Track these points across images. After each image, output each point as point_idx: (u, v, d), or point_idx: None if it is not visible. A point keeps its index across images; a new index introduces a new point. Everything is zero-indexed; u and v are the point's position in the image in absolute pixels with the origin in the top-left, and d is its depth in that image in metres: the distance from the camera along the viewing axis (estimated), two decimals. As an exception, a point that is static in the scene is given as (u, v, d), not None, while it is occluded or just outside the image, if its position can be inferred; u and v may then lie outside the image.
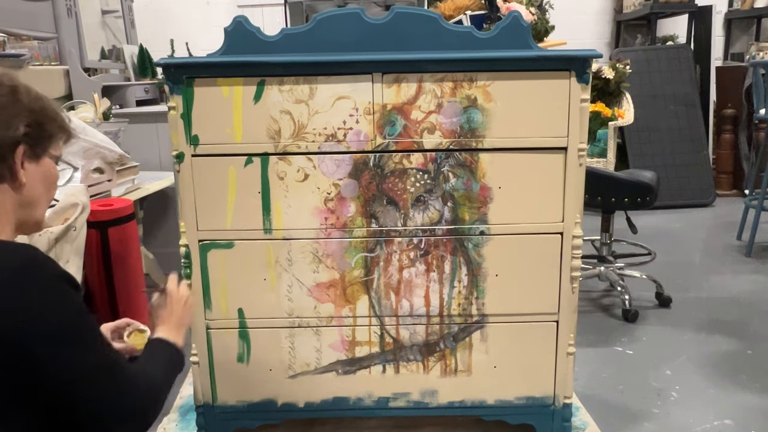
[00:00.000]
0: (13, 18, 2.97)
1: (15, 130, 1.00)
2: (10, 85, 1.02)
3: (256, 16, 5.06)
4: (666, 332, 2.70)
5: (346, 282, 1.65)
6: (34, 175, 1.05)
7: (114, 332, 1.39)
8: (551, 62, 1.54)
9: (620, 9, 5.48)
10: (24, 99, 1.03)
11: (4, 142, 0.99)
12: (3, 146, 1.00)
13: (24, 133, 1.01)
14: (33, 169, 1.05)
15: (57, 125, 1.09)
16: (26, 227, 1.11)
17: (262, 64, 1.53)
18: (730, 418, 2.03)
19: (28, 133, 1.02)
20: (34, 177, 1.05)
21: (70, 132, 1.14)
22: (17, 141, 1.01)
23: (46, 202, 1.11)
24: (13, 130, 1.00)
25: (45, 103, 1.07)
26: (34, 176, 1.05)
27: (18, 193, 1.04)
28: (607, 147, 4.42)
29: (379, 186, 1.60)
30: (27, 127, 1.02)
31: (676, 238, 4.12)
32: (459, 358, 1.70)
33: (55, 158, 1.11)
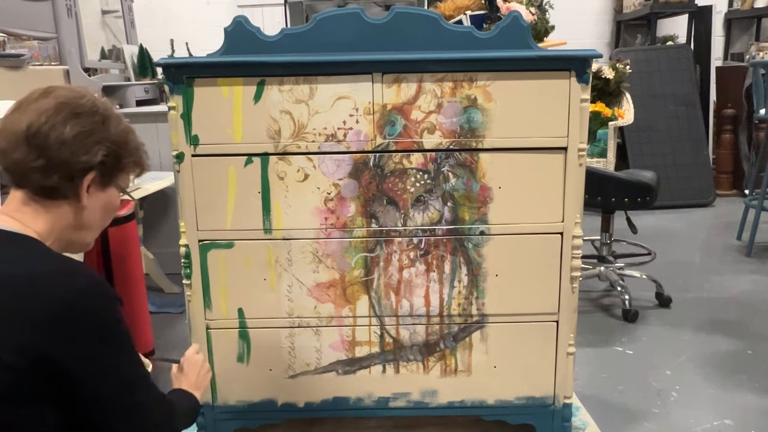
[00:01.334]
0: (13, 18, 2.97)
1: (92, 156, 1.03)
2: (104, 114, 1.07)
3: (256, 16, 5.06)
4: (666, 332, 2.70)
5: (346, 282, 1.65)
6: (96, 202, 1.08)
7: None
8: (551, 62, 1.54)
9: (620, 9, 5.48)
10: (112, 129, 1.07)
11: (79, 165, 1.02)
12: (76, 169, 1.03)
13: (100, 161, 1.04)
14: (97, 196, 1.08)
15: (133, 160, 1.13)
16: (73, 247, 1.14)
17: (262, 64, 1.53)
18: (730, 418, 2.03)
19: (103, 161, 1.05)
20: (95, 203, 1.08)
21: (144, 168, 1.18)
22: (90, 167, 1.04)
23: (99, 228, 1.14)
24: (91, 155, 1.03)
25: (129, 138, 1.11)
26: (96, 202, 1.08)
27: (76, 214, 1.07)
28: (607, 147, 4.42)
29: (379, 186, 1.60)
30: (105, 156, 1.05)
31: (676, 238, 4.12)
32: (459, 358, 1.70)
33: (121, 189, 1.14)
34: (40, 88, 1.08)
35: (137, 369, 1.04)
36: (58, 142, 1.00)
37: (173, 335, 2.70)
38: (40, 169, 1.01)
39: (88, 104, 1.05)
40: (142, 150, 1.16)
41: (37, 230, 1.03)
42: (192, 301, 1.66)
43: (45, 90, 1.06)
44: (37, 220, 1.04)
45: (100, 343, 0.96)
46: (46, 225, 1.04)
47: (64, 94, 1.05)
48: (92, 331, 0.95)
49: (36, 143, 1.00)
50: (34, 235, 1.02)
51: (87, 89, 1.11)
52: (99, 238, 2.21)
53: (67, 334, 0.92)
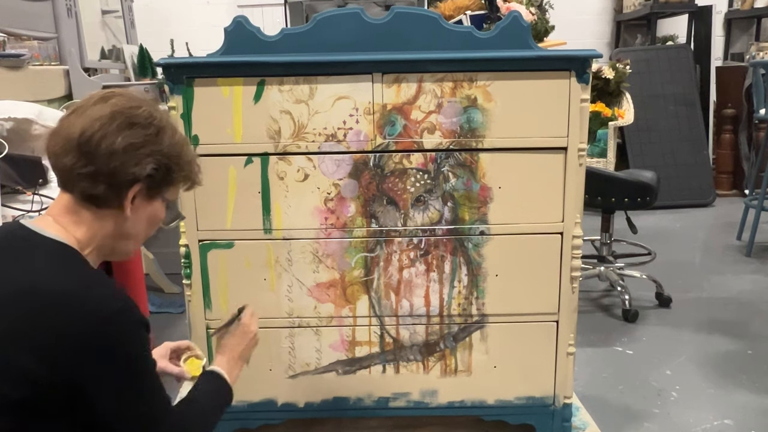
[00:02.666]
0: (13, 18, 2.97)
1: (142, 169, 1.01)
2: (158, 125, 1.04)
3: (256, 16, 5.06)
4: (666, 332, 2.69)
5: (346, 282, 1.65)
6: (140, 213, 1.06)
7: (173, 352, 1.39)
8: (551, 62, 1.54)
9: (620, 9, 5.47)
10: (165, 142, 1.04)
11: (127, 177, 1.01)
12: (124, 180, 1.01)
13: (148, 174, 1.02)
14: (142, 207, 1.06)
15: (184, 174, 1.10)
16: (115, 255, 1.12)
17: (262, 64, 1.53)
18: (730, 418, 2.03)
19: (152, 175, 1.03)
20: (140, 214, 1.06)
21: (195, 183, 1.15)
22: (138, 179, 1.02)
23: (143, 238, 1.13)
24: (140, 168, 1.01)
25: (183, 151, 1.08)
26: (141, 214, 1.06)
27: (120, 224, 1.05)
28: (607, 147, 4.42)
29: (379, 186, 1.60)
30: (154, 169, 1.03)
31: (676, 238, 4.12)
32: (459, 358, 1.70)
33: (167, 201, 1.11)
34: (100, 92, 1.06)
35: (157, 395, 1.03)
36: (108, 152, 0.99)
37: (173, 335, 2.70)
38: (87, 176, 1.00)
39: (143, 115, 1.03)
40: (195, 163, 1.13)
41: (79, 237, 1.02)
42: (192, 301, 1.66)
43: (104, 95, 1.05)
44: (80, 226, 1.03)
45: (120, 369, 0.95)
46: (88, 232, 1.03)
47: (121, 103, 1.03)
48: (114, 356, 0.94)
49: (87, 150, 0.99)
50: (74, 243, 1.01)
51: (146, 98, 1.10)
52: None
53: (89, 356, 0.92)
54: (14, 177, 1.77)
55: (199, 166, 1.14)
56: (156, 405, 1.02)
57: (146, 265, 3.03)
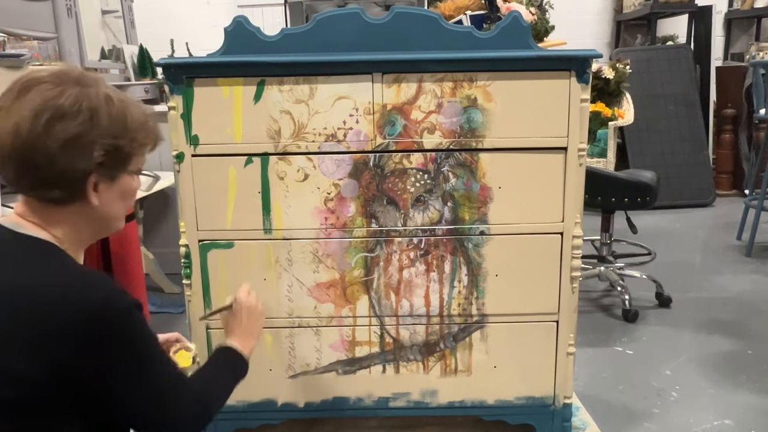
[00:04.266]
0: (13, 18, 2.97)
1: (88, 161, 0.95)
2: (89, 107, 0.94)
3: (256, 16, 5.06)
4: (666, 332, 2.69)
5: (346, 282, 1.65)
6: (109, 196, 1.01)
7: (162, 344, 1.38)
8: (551, 62, 1.54)
9: (620, 9, 5.48)
10: (104, 122, 0.96)
11: (77, 173, 0.95)
12: (74, 177, 0.95)
13: (98, 163, 0.96)
14: (108, 190, 1.01)
15: (138, 143, 1.02)
16: (103, 234, 1.09)
17: (262, 64, 1.53)
18: (730, 418, 2.03)
19: (102, 162, 0.96)
20: (109, 197, 1.01)
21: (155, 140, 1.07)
22: (89, 171, 0.96)
23: (124, 212, 1.08)
24: (86, 160, 0.94)
25: (127, 120, 0.99)
26: (110, 196, 1.01)
27: (92, 212, 1.01)
28: (607, 147, 4.42)
29: (379, 186, 1.60)
30: (103, 155, 0.96)
31: (676, 238, 4.12)
32: (459, 358, 1.70)
33: (135, 171, 1.05)
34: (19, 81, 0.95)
35: (164, 370, 1.01)
36: (46, 159, 0.92)
37: (173, 335, 2.70)
38: (37, 184, 0.95)
39: (68, 103, 0.93)
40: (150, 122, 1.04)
41: (56, 233, 0.99)
42: (192, 301, 1.66)
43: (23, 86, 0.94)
44: (54, 223, 0.99)
45: (121, 355, 0.93)
46: (63, 227, 1.00)
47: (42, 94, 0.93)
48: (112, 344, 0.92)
49: (24, 163, 0.93)
50: (52, 238, 0.98)
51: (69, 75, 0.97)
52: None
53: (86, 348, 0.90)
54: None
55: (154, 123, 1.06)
56: (168, 382, 1.01)
57: (146, 265, 3.03)
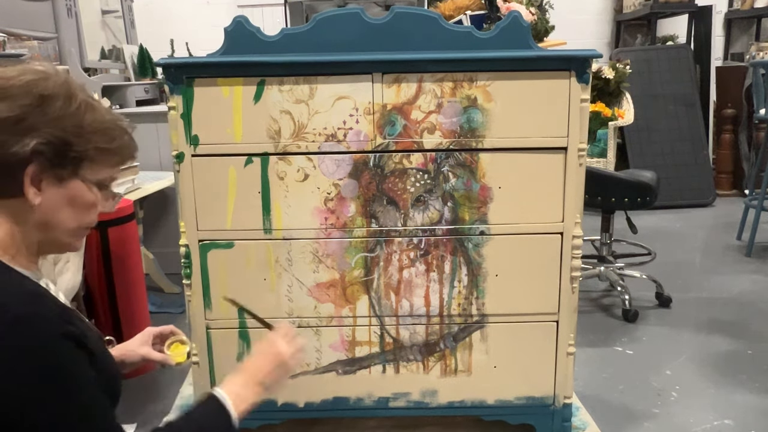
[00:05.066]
0: (13, 18, 2.97)
1: (24, 146, 0.87)
2: (41, 94, 0.89)
3: (256, 16, 5.07)
4: (666, 332, 2.70)
5: (346, 282, 1.65)
6: (53, 198, 0.92)
7: (157, 337, 1.34)
8: (551, 62, 1.54)
9: (620, 9, 5.48)
10: (53, 112, 0.89)
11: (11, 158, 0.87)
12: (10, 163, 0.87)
13: (36, 151, 0.88)
14: (53, 191, 0.92)
15: (94, 147, 0.93)
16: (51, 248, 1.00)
17: (262, 64, 1.53)
18: (730, 418, 2.03)
19: (41, 151, 0.88)
20: (53, 200, 0.92)
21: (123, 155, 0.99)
22: (27, 159, 0.88)
23: (75, 226, 0.97)
24: (22, 146, 0.87)
25: (86, 120, 0.92)
26: (54, 199, 0.92)
27: (32, 213, 0.92)
28: (607, 147, 4.42)
29: (379, 186, 1.60)
30: (42, 144, 0.88)
31: (676, 238, 4.12)
32: (459, 358, 1.70)
33: (94, 182, 0.95)
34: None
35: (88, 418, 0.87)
36: None
37: (173, 335, 2.70)
38: None
39: (19, 84, 0.88)
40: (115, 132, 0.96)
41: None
42: (192, 301, 1.66)
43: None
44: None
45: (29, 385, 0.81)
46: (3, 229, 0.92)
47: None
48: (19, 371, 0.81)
49: None
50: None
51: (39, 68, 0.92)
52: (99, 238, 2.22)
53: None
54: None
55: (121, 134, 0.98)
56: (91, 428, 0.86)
57: (146, 265, 3.03)
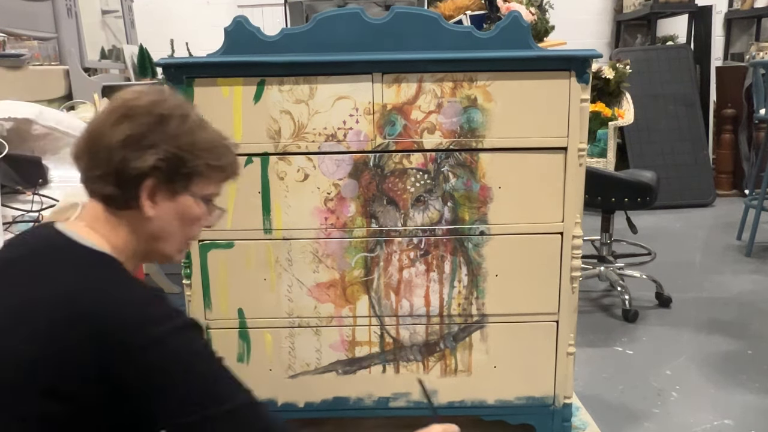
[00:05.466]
0: (13, 18, 2.97)
1: (143, 162, 0.94)
2: (160, 113, 0.96)
3: (256, 16, 5.06)
4: (666, 332, 2.69)
5: (346, 282, 1.65)
6: (166, 211, 1.00)
7: None
8: (551, 62, 1.54)
9: (620, 9, 5.47)
10: (171, 130, 0.97)
11: (132, 172, 0.95)
12: (129, 176, 0.95)
13: (154, 166, 0.95)
14: (166, 205, 0.99)
15: (204, 164, 1.00)
16: (153, 258, 1.08)
17: (262, 64, 1.53)
18: (730, 418, 2.03)
19: (159, 167, 0.96)
20: (165, 212, 1.00)
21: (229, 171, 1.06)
22: (145, 173, 0.95)
23: (181, 239, 1.06)
24: (142, 161, 0.94)
25: (198, 138, 0.99)
26: (166, 212, 1.00)
27: (145, 225, 1.00)
28: (607, 147, 4.42)
29: (379, 186, 1.60)
30: (161, 160, 0.95)
31: (676, 238, 4.12)
32: (459, 358, 1.70)
33: (201, 197, 1.03)
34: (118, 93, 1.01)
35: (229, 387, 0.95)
36: (107, 148, 0.94)
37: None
38: (98, 177, 0.96)
39: (142, 104, 0.96)
40: (222, 150, 1.03)
41: (113, 242, 0.99)
42: (192, 301, 1.66)
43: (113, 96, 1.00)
44: (112, 231, 0.99)
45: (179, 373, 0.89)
46: (119, 237, 0.99)
47: (119, 96, 0.98)
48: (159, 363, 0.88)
49: (91, 151, 0.96)
50: (110, 249, 0.98)
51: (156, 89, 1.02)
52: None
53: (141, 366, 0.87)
54: (14, 177, 1.77)
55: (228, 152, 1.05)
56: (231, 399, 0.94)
57: (146, 265, 3.02)
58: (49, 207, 1.65)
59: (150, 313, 0.91)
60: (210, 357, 0.95)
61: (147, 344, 0.88)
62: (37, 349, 0.86)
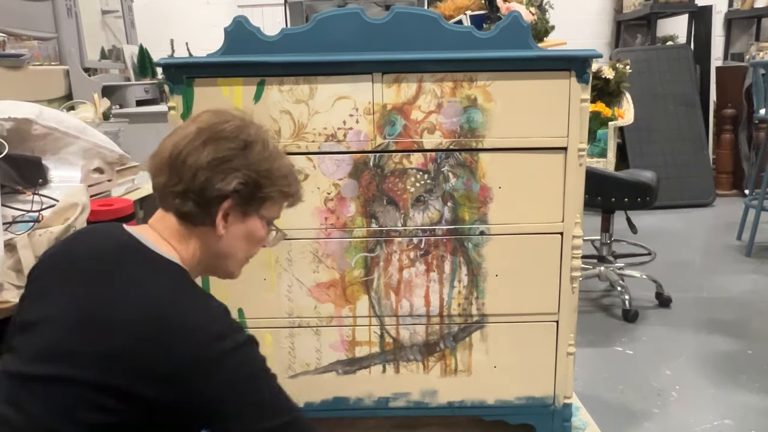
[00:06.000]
0: (13, 18, 2.97)
1: (227, 184, 1.00)
2: (246, 139, 1.03)
3: (256, 16, 5.06)
4: (666, 332, 2.70)
5: (346, 282, 1.65)
6: (235, 231, 1.05)
7: None
8: (551, 62, 1.54)
9: (620, 9, 5.48)
10: (253, 157, 1.03)
11: (214, 192, 1.00)
12: (211, 196, 1.00)
13: (235, 190, 1.01)
14: (236, 225, 1.05)
15: (278, 190, 1.07)
16: (216, 274, 1.13)
17: (262, 64, 1.53)
18: (730, 418, 2.03)
19: (239, 190, 1.02)
20: (235, 232, 1.06)
21: (294, 198, 1.13)
22: (225, 195, 1.01)
23: (244, 258, 1.12)
24: (226, 183, 1.00)
25: (274, 166, 1.06)
26: (236, 232, 1.06)
27: (215, 242, 1.05)
28: (607, 147, 4.42)
29: (379, 186, 1.60)
30: (241, 184, 1.01)
31: (676, 238, 4.12)
32: (459, 358, 1.70)
33: (267, 219, 1.10)
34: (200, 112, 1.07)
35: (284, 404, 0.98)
36: (194, 168, 0.99)
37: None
38: (178, 194, 1.01)
39: (229, 129, 1.02)
40: (293, 178, 1.11)
41: (183, 255, 1.03)
42: (192, 301, 1.66)
43: (196, 115, 1.06)
44: (182, 244, 1.04)
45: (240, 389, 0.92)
46: (189, 250, 1.04)
47: (207, 119, 1.04)
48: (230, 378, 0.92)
49: (175, 167, 1.00)
50: (179, 260, 1.02)
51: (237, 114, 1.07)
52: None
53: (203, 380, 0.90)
54: (14, 177, 1.76)
55: (297, 181, 1.12)
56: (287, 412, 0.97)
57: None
58: (49, 207, 1.65)
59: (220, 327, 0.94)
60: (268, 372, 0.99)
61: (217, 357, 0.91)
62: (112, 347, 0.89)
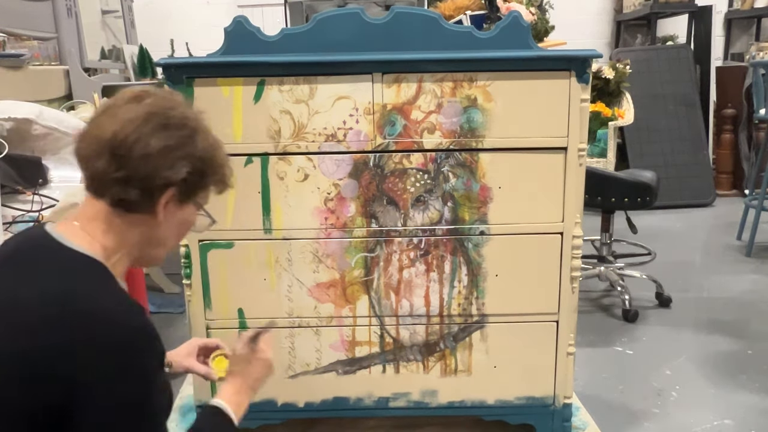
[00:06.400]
0: (13, 18, 2.97)
1: (175, 172, 0.97)
2: (193, 127, 1.00)
3: (256, 16, 5.06)
4: (666, 332, 2.69)
5: (346, 282, 1.65)
6: (172, 218, 1.03)
7: (201, 349, 1.37)
8: (551, 62, 1.54)
9: (620, 9, 5.48)
10: (199, 144, 1.00)
11: (160, 181, 0.97)
12: (157, 184, 0.97)
13: (182, 178, 0.98)
14: (174, 212, 1.02)
15: (217, 178, 1.06)
16: (144, 262, 1.10)
17: (262, 64, 1.53)
18: (730, 418, 2.03)
19: (185, 179, 0.99)
20: (171, 219, 1.03)
21: (228, 186, 1.11)
22: (171, 183, 0.98)
23: (173, 244, 1.09)
24: (174, 171, 0.97)
25: (215, 153, 1.04)
26: (173, 219, 1.03)
27: (151, 230, 1.02)
28: (607, 147, 4.42)
29: (379, 186, 1.60)
30: (188, 173, 0.99)
31: (676, 238, 4.12)
32: (459, 358, 1.70)
33: (199, 206, 1.08)
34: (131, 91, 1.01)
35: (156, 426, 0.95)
36: (143, 155, 0.95)
37: (173, 335, 2.70)
38: (120, 181, 0.95)
39: (177, 116, 0.99)
40: (228, 166, 1.09)
41: (107, 245, 0.99)
42: (192, 301, 1.66)
43: (136, 95, 1.00)
44: (109, 234, 0.99)
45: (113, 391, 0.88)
46: (116, 239, 1.00)
47: (156, 103, 0.99)
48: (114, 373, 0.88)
49: (119, 154, 0.94)
50: (100, 252, 0.97)
51: (179, 99, 1.04)
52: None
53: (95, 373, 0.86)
54: (14, 177, 1.77)
55: (231, 169, 1.10)
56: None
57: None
58: (49, 207, 1.65)
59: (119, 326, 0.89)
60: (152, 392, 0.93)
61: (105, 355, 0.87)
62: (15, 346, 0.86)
